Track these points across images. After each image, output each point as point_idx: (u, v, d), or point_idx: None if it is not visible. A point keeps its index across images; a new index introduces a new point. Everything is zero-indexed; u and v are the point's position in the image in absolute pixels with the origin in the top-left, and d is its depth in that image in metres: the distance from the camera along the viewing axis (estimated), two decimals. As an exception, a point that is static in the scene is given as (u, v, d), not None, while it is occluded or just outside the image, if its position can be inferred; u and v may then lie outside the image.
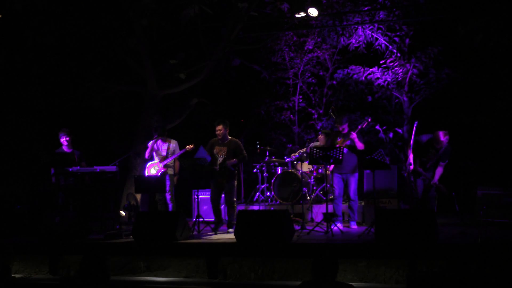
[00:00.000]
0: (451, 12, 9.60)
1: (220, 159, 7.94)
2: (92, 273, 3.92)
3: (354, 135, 7.68)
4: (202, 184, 9.17)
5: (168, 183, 8.44)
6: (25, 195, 9.20)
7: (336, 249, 6.18)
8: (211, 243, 6.77)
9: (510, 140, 9.83)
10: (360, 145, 7.72)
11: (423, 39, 10.56)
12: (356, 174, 7.93)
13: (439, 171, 7.76)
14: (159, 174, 8.43)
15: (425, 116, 9.96)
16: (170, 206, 8.54)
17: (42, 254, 7.11)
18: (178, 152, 8.58)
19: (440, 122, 10.31)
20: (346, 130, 7.88)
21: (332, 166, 7.84)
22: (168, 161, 8.49)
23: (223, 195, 8.20)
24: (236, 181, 8.15)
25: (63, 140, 8.56)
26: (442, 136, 7.58)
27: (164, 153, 8.53)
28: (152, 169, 8.56)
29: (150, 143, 8.54)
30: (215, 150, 8.05)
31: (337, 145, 7.58)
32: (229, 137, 8.16)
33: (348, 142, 7.75)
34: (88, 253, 4.03)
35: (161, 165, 8.47)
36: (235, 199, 8.10)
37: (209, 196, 8.75)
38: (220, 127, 8.01)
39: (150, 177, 8.41)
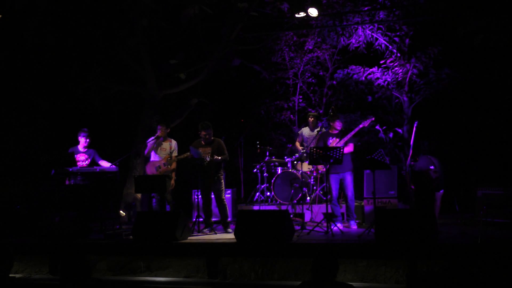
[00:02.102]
0: (451, 12, 9.60)
1: (207, 159, 7.90)
2: (73, 272, 3.89)
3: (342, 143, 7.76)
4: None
5: (169, 180, 8.44)
6: (25, 195, 9.20)
7: (336, 249, 6.18)
8: (211, 243, 6.77)
9: (510, 140, 9.82)
10: (349, 149, 7.82)
11: (423, 39, 10.55)
12: (352, 173, 7.96)
13: (437, 206, 7.78)
14: (159, 173, 8.39)
15: (425, 116, 9.96)
16: (168, 207, 8.52)
17: (42, 254, 7.11)
18: (176, 154, 8.58)
19: (440, 122, 10.35)
20: (339, 127, 8.00)
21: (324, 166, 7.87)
22: (171, 161, 8.47)
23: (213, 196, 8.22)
24: (223, 180, 8.14)
25: (82, 140, 8.59)
26: (433, 175, 7.60)
27: (167, 153, 8.49)
28: (153, 168, 8.52)
29: (149, 141, 8.52)
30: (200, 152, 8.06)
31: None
32: (212, 137, 8.16)
33: (341, 144, 7.75)
34: (67, 252, 3.99)
35: (164, 165, 8.44)
36: (223, 198, 8.10)
37: None
38: (209, 131, 7.98)
39: (150, 176, 8.38)
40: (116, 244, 7.04)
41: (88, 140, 8.65)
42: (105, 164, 8.48)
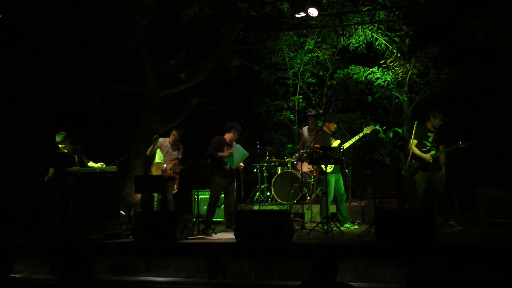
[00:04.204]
0: (451, 12, 9.60)
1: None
2: (75, 272, 3.89)
3: None
4: (202, 184, 9.18)
5: (173, 184, 8.46)
6: (25, 195, 9.19)
7: (336, 249, 6.18)
8: (211, 243, 6.77)
9: (510, 140, 9.82)
10: None
11: (423, 39, 10.55)
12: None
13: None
14: (167, 177, 8.38)
15: (425, 116, 9.96)
16: (170, 206, 8.53)
17: (42, 254, 7.11)
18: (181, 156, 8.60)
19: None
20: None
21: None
22: (177, 166, 8.47)
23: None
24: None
25: (64, 146, 8.53)
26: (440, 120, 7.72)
27: (175, 158, 8.48)
28: (159, 170, 8.49)
29: (159, 141, 8.51)
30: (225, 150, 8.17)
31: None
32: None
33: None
34: (69, 252, 4.00)
35: (170, 169, 8.41)
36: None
37: (209, 196, 8.74)
38: (238, 133, 8.25)
39: (150, 177, 8.38)
40: (116, 244, 7.03)
41: (63, 144, 8.41)
42: (91, 164, 8.46)
